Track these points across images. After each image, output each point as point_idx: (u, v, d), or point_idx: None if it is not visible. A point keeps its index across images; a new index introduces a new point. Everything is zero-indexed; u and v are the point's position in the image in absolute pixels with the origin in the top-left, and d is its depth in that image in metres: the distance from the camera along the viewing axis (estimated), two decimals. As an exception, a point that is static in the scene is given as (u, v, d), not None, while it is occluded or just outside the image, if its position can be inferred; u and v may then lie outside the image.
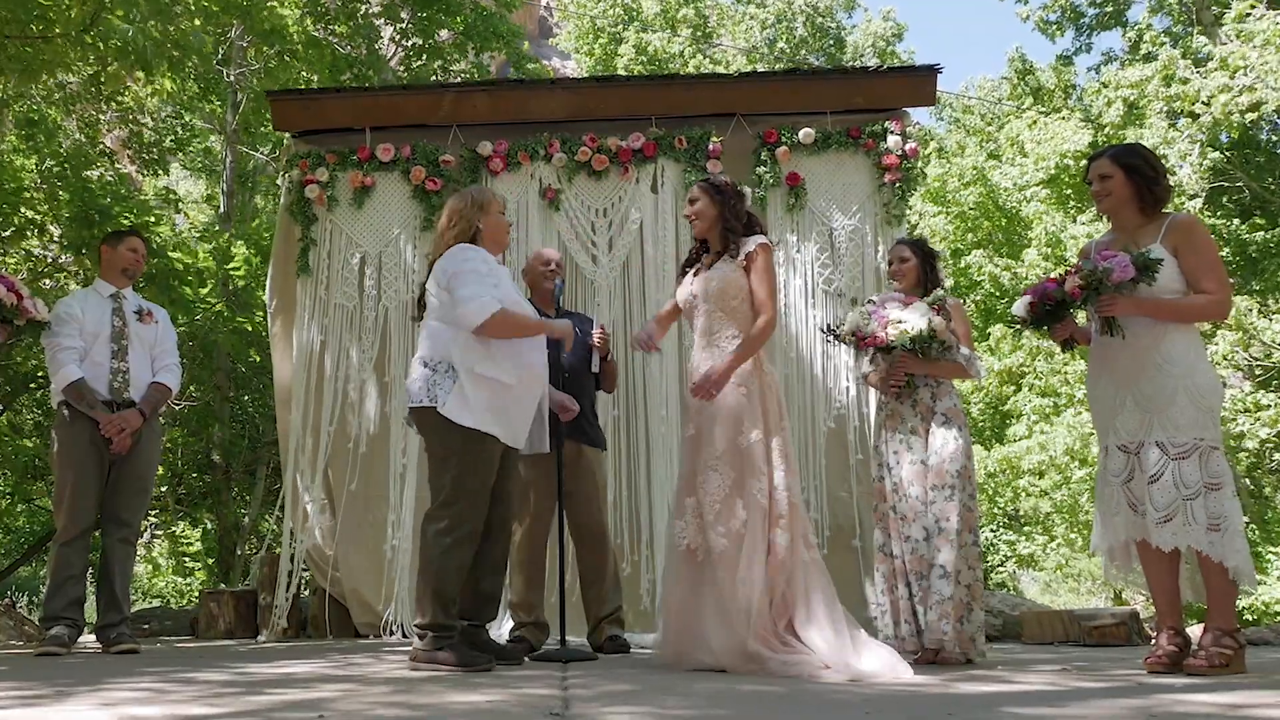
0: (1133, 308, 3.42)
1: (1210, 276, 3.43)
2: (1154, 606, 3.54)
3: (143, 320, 4.93)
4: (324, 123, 6.34)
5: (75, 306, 4.83)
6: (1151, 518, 3.32)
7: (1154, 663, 3.36)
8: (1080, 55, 17.51)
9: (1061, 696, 2.66)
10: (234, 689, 2.74)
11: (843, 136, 6.10)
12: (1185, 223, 3.52)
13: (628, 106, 6.29)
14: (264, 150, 12.80)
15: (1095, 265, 3.42)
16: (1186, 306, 3.46)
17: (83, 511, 4.66)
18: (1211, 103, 12.27)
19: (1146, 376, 3.41)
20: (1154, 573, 3.46)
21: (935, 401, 4.07)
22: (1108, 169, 3.58)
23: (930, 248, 4.35)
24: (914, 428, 4.05)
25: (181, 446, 10.81)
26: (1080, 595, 13.72)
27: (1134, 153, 3.63)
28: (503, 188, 6.12)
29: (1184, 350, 3.42)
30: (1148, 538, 3.36)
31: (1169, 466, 3.32)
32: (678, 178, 6.09)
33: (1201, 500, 3.28)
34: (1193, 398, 3.36)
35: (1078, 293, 3.47)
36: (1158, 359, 3.40)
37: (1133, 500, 3.42)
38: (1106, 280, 3.38)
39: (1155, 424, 3.37)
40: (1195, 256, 3.44)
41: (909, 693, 2.75)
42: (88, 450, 4.67)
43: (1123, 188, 3.55)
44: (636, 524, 5.78)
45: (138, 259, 5.03)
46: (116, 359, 4.79)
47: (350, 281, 6.11)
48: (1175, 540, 3.29)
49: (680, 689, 2.81)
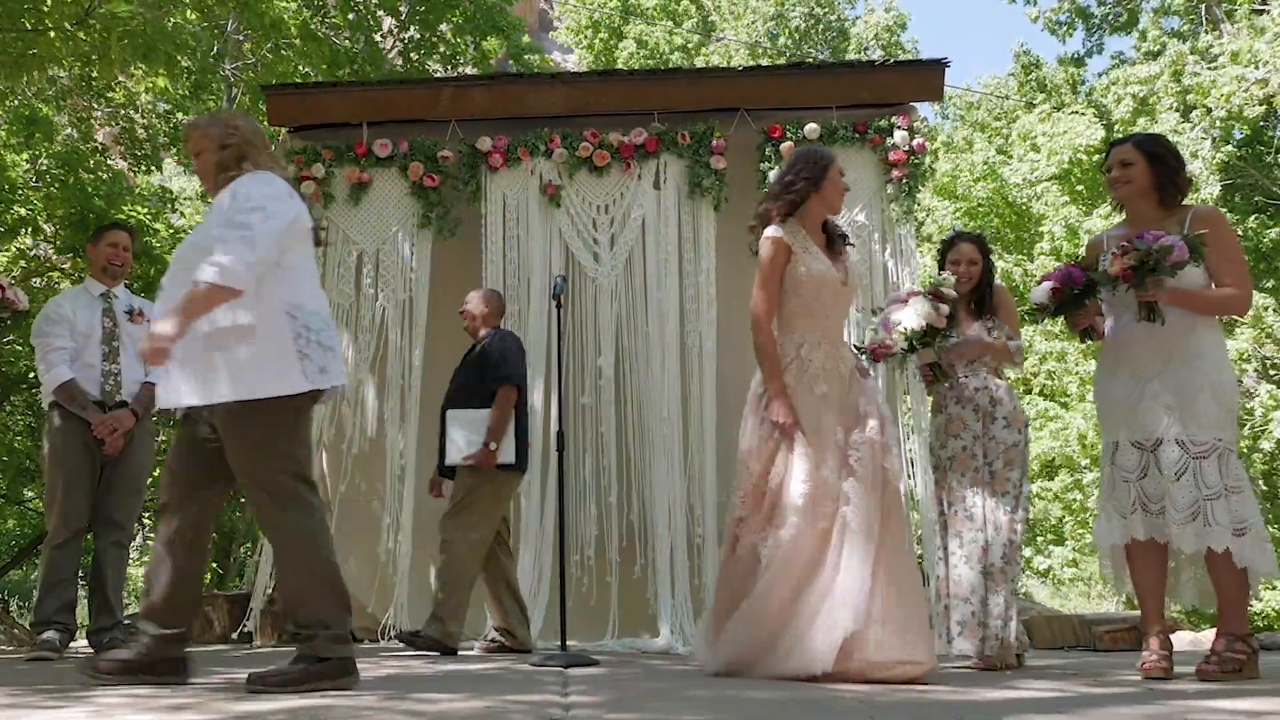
0: (1170, 298, 3.37)
1: (1233, 270, 3.42)
2: (1142, 610, 3.50)
3: (134, 320, 4.90)
4: (320, 118, 6.34)
5: (66, 306, 4.82)
6: (1173, 518, 3.29)
7: (1154, 668, 3.32)
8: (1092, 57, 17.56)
9: (1072, 703, 2.66)
10: (228, 695, 2.73)
11: (848, 132, 6.08)
12: (1210, 215, 3.49)
13: (629, 101, 6.28)
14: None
15: (1149, 245, 3.29)
16: (1213, 298, 3.43)
17: (74, 514, 4.65)
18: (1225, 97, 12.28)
19: (1172, 370, 3.37)
20: (1144, 575, 3.44)
21: (995, 407, 4.07)
22: (1130, 155, 3.53)
23: (988, 244, 4.40)
24: (975, 434, 4.06)
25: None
26: (1091, 599, 13.69)
27: (1158, 141, 3.60)
28: (502, 184, 6.12)
29: (1212, 346, 3.40)
30: (1162, 537, 3.34)
31: (1190, 466, 3.29)
32: (680, 174, 6.08)
33: (1224, 502, 3.25)
34: (1216, 396, 3.33)
35: (1129, 275, 3.33)
36: (1186, 353, 3.37)
37: (1145, 499, 3.39)
38: (1163, 260, 3.27)
39: (1177, 420, 3.33)
40: (1220, 250, 3.41)
41: (916, 698, 2.75)
42: (79, 452, 4.66)
43: (1144, 176, 3.51)
44: (638, 526, 5.78)
45: (118, 253, 4.92)
46: (108, 361, 4.78)
47: (347, 279, 6.11)
48: (1199, 542, 3.25)
49: (681, 694, 2.81)
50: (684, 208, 6.07)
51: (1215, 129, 12.95)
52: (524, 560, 5.57)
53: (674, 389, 5.81)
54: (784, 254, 3.47)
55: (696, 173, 6.04)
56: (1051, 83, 18.28)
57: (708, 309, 5.89)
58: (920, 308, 3.97)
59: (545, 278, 5.91)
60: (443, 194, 6.15)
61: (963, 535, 3.99)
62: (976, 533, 3.96)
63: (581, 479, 5.83)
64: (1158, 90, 13.74)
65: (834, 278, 3.50)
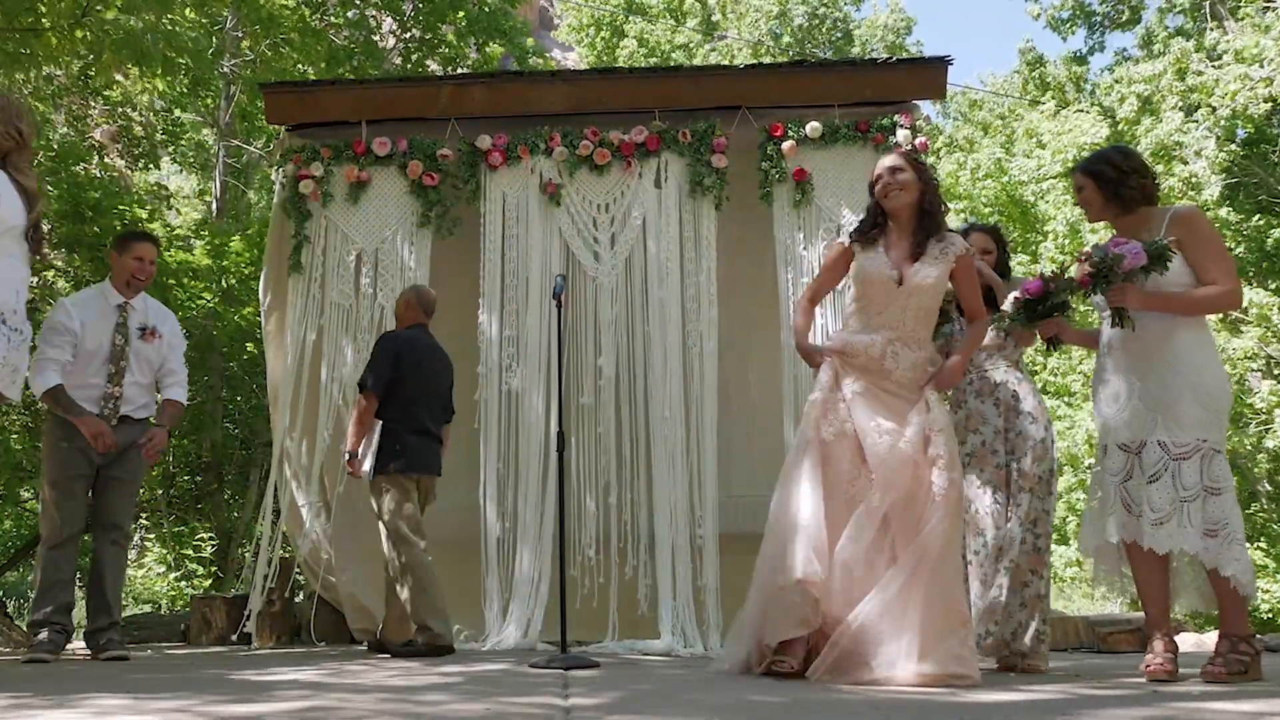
0: (1144, 302, 3.43)
1: (1217, 266, 3.45)
2: (1146, 613, 3.53)
3: (145, 339, 4.82)
4: (319, 116, 6.32)
5: (74, 319, 4.69)
6: (1147, 519, 3.33)
7: (1158, 670, 3.33)
8: (1094, 54, 17.70)
9: (1075, 705, 2.66)
10: (225, 698, 2.74)
11: (850, 130, 6.06)
12: (1186, 214, 3.55)
13: (630, 99, 6.27)
14: (258, 144, 12.81)
15: (1106, 253, 3.44)
16: (1199, 299, 3.46)
17: (71, 515, 4.65)
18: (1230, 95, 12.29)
19: (1154, 374, 3.42)
20: (1145, 578, 3.46)
21: (1018, 401, 4.03)
22: (1080, 180, 3.73)
23: (1002, 233, 4.39)
24: (997, 429, 4.02)
25: (174, 448, 10.81)
26: (1095, 601, 13.70)
27: (1099, 159, 3.72)
28: (502, 183, 6.12)
29: (1193, 348, 3.43)
30: (1140, 539, 3.36)
31: (1169, 467, 3.33)
32: (681, 172, 6.08)
33: (1199, 503, 3.29)
34: (1199, 398, 3.36)
35: (1087, 280, 3.50)
36: (1166, 356, 3.41)
37: (1128, 501, 3.42)
38: (1117, 268, 3.40)
39: (1159, 423, 3.38)
40: (1200, 247, 3.46)
41: (920, 700, 2.75)
42: (76, 453, 4.66)
43: (1094, 194, 3.66)
44: (639, 527, 5.78)
45: (144, 267, 4.83)
46: (111, 383, 4.71)
47: (346, 279, 6.09)
48: (1169, 543, 3.30)
49: (683, 697, 2.81)
50: (685, 207, 6.06)
51: (1219, 128, 12.95)
52: (523, 561, 5.57)
53: (675, 389, 5.80)
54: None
55: (698, 171, 6.04)
56: (1055, 80, 18.30)
57: (709, 308, 5.88)
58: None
59: (545, 277, 5.91)
60: (442, 193, 6.14)
61: (969, 545, 3.93)
62: (994, 532, 3.90)
63: (581, 479, 5.83)
64: (1162, 89, 13.75)
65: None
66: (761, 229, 6.08)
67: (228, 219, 11.07)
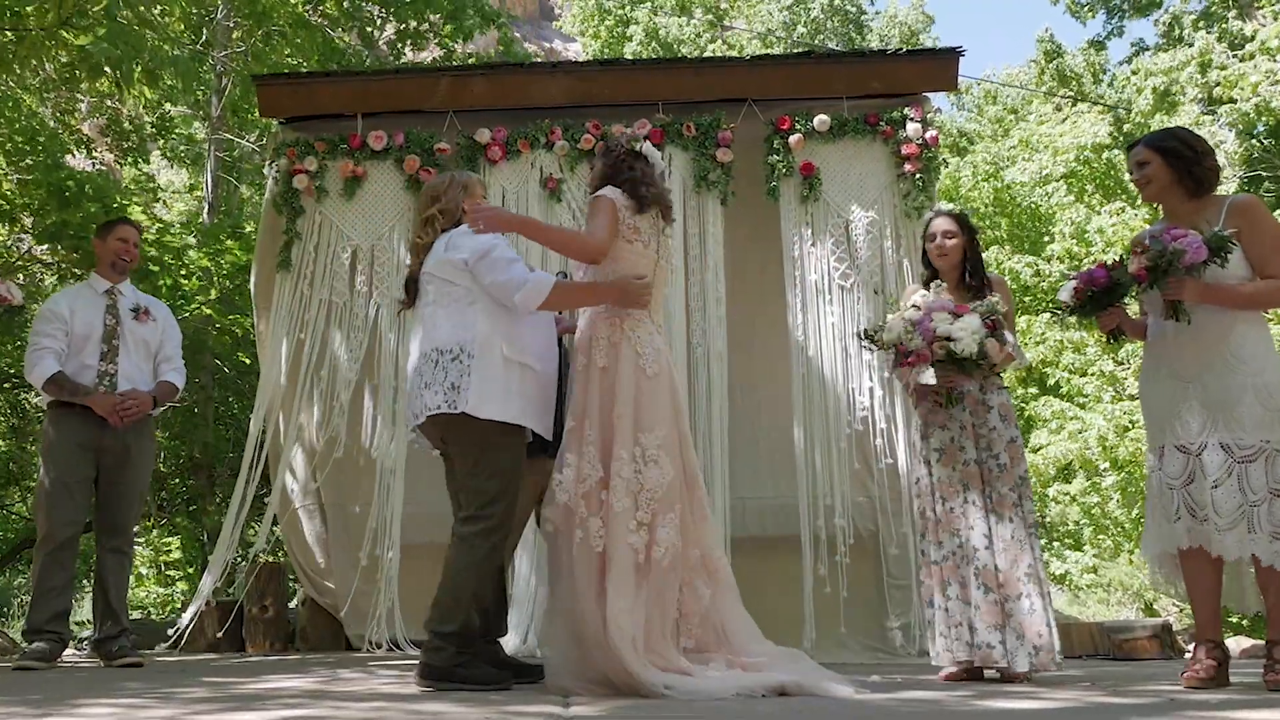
0: (1202, 295, 3.37)
1: (1276, 260, 3.39)
2: (1194, 618, 3.51)
3: (139, 319, 4.91)
4: (313, 108, 6.32)
5: (63, 305, 4.83)
6: (1214, 524, 3.29)
7: (1192, 677, 3.33)
8: (1112, 40, 17.78)
9: (1090, 714, 2.66)
10: (216, 707, 2.74)
11: (859, 123, 6.06)
12: (1246, 204, 3.49)
13: (633, 91, 6.26)
14: (250, 137, 12.81)
15: (1165, 245, 3.35)
16: (1260, 293, 3.41)
17: (67, 518, 4.65)
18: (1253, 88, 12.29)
19: (1213, 372, 3.38)
20: (1198, 583, 3.42)
21: (986, 395, 3.94)
22: (1144, 155, 3.61)
23: (972, 222, 4.31)
24: (963, 424, 3.93)
25: (165, 450, 10.83)
26: (1110, 606, 13.67)
27: (1170, 135, 3.64)
28: (502, 177, 6.11)
29: (1254, 345, 3.39)
30: (1207, 545, 3.32)
31: (1234, 470, 3.29)
32: (686, 167, 6.07)
33: (1266, 508, 3.25)
34: (1261, 397, 3.32)
35: (1144, 275, 3.41)
36: (1225, 354, 3.37)
37: (1192, 505, 3.37)
38: (1177, 262, 3.32)
39: (1220, 424, 3.34)
40: (1260, 239, 3.40)
41: (930, 708, 2.75)
42: (75, 453, 4.66)
43: (1162, 173, 3.56)
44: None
45: (128, 248, 4.98)
46: (105, 361, 4.78)
47: (340, 277, 6.08)
48: (1240, 549, 3.26)
49: (685, 705, 2.81)
50: (690, 202, 6.03)
51: (1238, 124, 12.97)
52: (523, 563, 5.57)
53: (677, 383, 5.77)
54: None
55: (702, 166, 6.03)
56: (1072, 71, 18.30)
57: (715, 307, 5.84)
58: (982, 335, 3.81)
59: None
60: (439, 188, 6.13)
61: (944, 544, 3.85)
62: (968, 532, 3.82)
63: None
64: (1181, 82, 13.74)
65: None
66: (769, 225, 6.04)
67: (219, 215, 11.07)
